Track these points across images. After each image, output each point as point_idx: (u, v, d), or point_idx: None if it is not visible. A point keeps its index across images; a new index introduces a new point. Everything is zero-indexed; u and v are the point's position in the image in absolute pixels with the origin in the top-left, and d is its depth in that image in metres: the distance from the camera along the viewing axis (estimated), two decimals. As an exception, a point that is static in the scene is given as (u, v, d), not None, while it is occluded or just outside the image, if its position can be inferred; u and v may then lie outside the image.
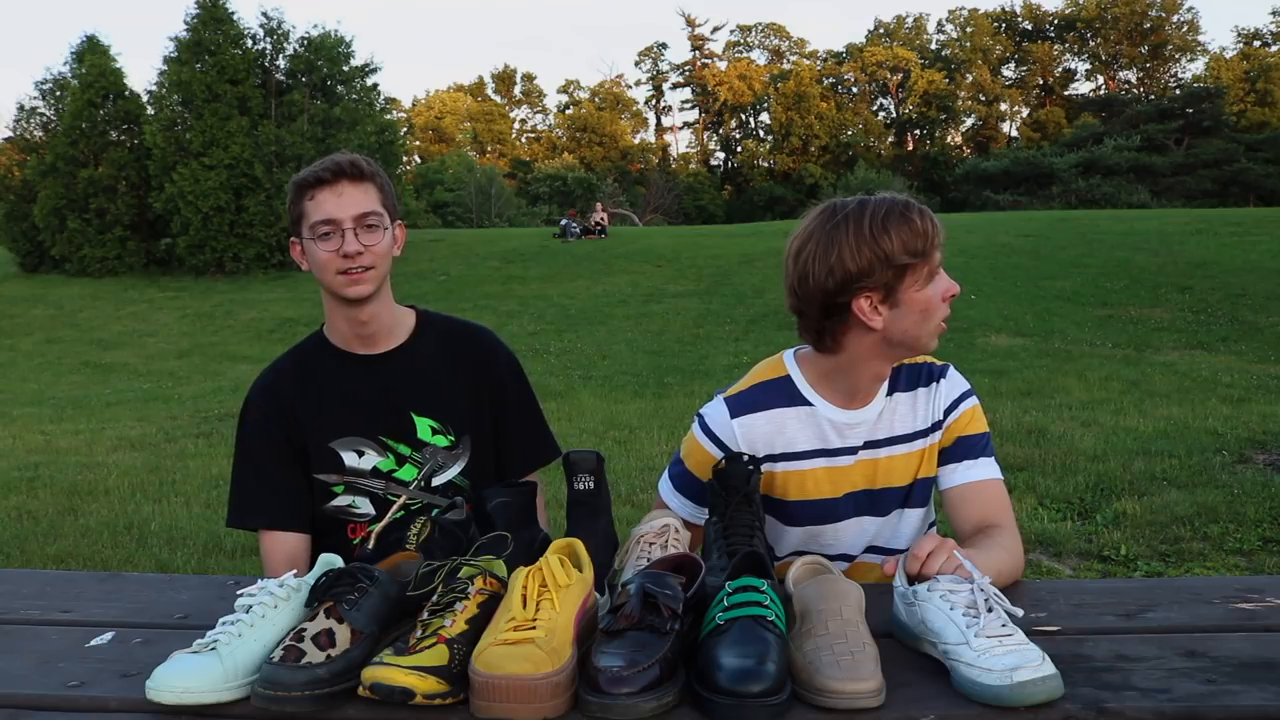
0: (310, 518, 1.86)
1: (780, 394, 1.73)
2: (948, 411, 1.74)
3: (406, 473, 1.86)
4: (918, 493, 1.77)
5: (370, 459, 1.85)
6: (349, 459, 1.84)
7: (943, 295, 1.60)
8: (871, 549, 1.79)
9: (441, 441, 1.87)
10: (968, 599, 1.23)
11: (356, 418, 1.85)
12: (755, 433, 1.72)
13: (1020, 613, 1.24)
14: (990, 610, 1.21)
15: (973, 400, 1.76)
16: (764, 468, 1.68)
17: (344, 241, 1.74)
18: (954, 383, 1.76)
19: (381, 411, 1.86)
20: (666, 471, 1.86)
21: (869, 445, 1.73)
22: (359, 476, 1.85)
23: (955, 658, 1.17)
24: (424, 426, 1.87)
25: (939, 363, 1.79)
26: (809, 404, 1.72)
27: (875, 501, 1.76)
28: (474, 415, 1.91)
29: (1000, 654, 1.13)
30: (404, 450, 1.86)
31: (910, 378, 1.76)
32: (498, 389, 1.94)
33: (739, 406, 1.74)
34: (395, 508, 1.85)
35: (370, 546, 1.82)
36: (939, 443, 1.75)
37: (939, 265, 1.60)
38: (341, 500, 1.86)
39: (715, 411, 1.76)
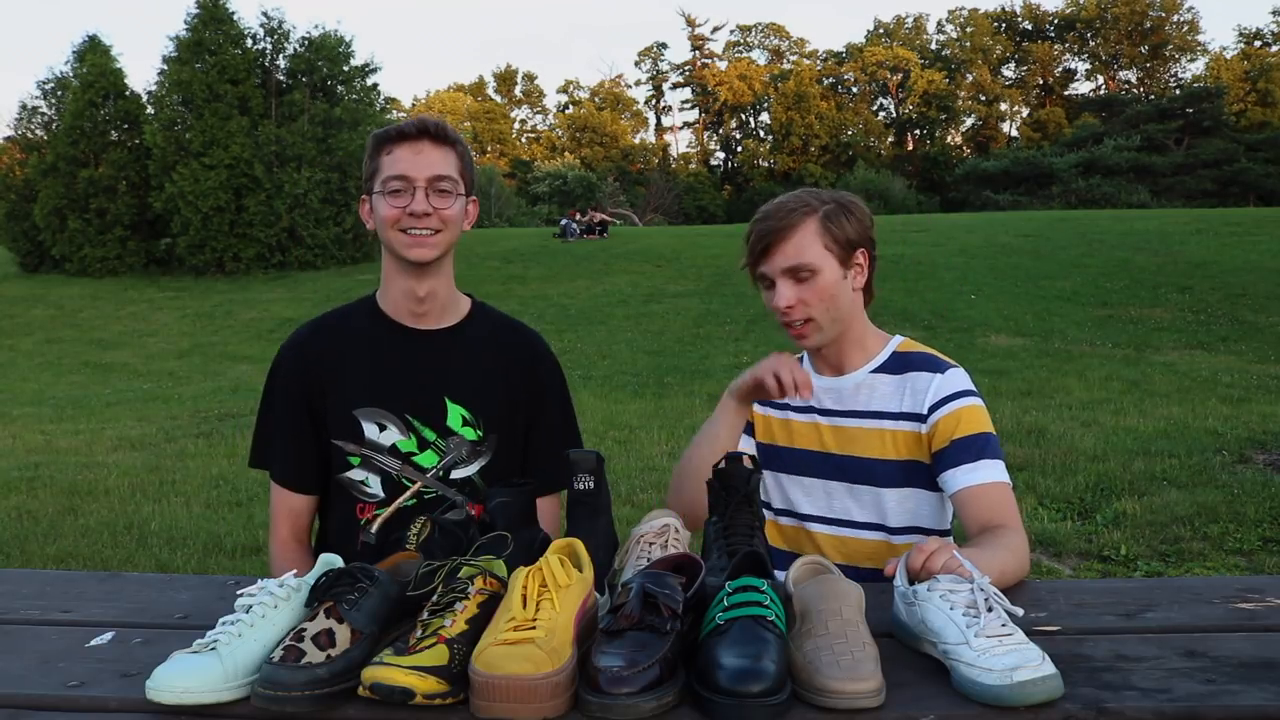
0: (320, 484, 1.86)
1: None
2: (933, 408, 1.75)
3: (427, 459, 1.82)
4: (893, 475, 1.78)
5: (391, 435, 1.81)
6: (369, 430, 1.81)
7: (769, 304, 1.78)
8: (850, 524, 1.82)
9: (470, 434, 1.83)
10: (968, 599, 1.23)
11: (385, 389, 1.81)
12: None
13: (1020, 612, 1.24)
14: (990, 610, 1.21)
15: (967, 401, 1.75)
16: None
17: (413, 199, 1.70)
18: (950, 380, 1.77)
19: (414, 388, 1.82)
20: None
21: (833, 412, 1.83)
22: (376, 451, 1.81)
23: (955, 658, 1.17)
24: (455, 414, 1.82)
25: (945, 360, 1.81)
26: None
27: (841, 468, 1.81)
28: (507, 414, 1.87)
29: (1000, 654, 1.13)
30: (429, 435, 1.82)
31: (900, 363, 1.82)
32: (536, 392, 1.91)
33: None
34: (407, 495, 1.81)
35: (375, 530, 1.81)
36: (929, 439, 1.75)
37: (763, 274, 1.77)
38: (356, 474, 1.82)
39: None
